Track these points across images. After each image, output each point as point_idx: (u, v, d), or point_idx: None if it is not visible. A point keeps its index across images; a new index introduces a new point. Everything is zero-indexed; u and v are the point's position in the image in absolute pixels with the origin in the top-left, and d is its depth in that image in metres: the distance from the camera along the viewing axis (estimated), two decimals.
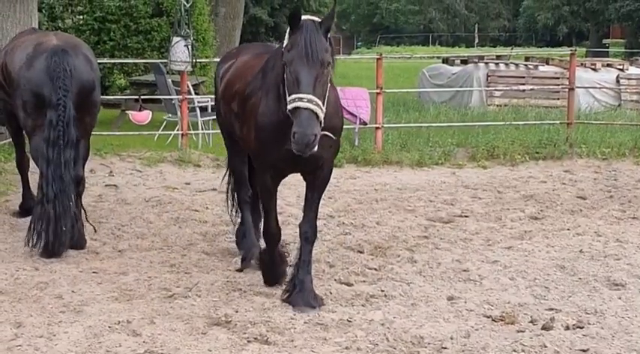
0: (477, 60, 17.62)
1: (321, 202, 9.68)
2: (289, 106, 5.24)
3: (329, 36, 5.45)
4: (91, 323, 5.55)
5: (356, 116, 12.35)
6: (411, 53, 21.01)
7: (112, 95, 16.50)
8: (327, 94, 5.36)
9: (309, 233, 6.17)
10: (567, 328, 5.66)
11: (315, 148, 5.17)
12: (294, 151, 5.21)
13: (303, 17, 5.44)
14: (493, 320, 5.83)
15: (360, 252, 7.62)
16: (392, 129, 13.34)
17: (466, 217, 9.12)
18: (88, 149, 7.82)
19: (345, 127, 12.86)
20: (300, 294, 5.98)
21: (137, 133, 12.78)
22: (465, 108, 16.18)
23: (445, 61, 19.09)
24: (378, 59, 12.73)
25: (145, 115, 12.10)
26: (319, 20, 5.46)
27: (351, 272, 6.95)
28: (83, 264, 7.14)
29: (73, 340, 5.24)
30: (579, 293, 6.46)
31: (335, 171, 11.66)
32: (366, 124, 12.54)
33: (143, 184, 10.54)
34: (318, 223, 8.58)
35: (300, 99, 5.16)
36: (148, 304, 6.05)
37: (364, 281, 6.73)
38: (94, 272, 6.91)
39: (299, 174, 6.26)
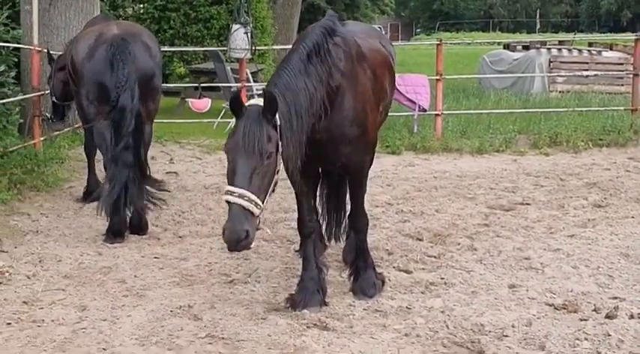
0: (539, 45, 17.32)
1: (380, 189, 9.83)
2: (223, 198, 4.84)
3: (275, 120, 4.88)
4: (153, 307, 5.63)
5: (415, 103, 12.27)
6: (471, 39, 20.69)
7: (172, 83, 16.68)
8: (270, 186, 4.88)
9: (357, 224, 6.07)
10: (632, 316, 5.53)
11: (251, 245, 4.81)
12: (227, 247, 4.84)
13: (249, 102, 4.98)
14: (555, 309, 5.72)
15: (419, 239, 7.57)
16: (452, 116, 13.22)
17: (528, 204, 8.99)
18: (151, 134, 7.95)
19: (404, 114, 13.02)
20: (358, 283, 5.93)
21: (197, 120, 12.89)
22: (527, 94, 15.93)
23: (506, 46, 18.81)
24: (437, 45, 12.61)
25: (204, 103, 12.20)
26: (262, 105, 4.87)
27: (410, 260, 6.91)
28: (145, 249, 7.24)
29: (136, 324, 5.31)
30: None
31: (393, 158, 11.81)
32: (425, 110, 12.45)
33: (203, 172, 10.64)
34: (376, 210, 8.68)
35: (231, 193, 4.73)
36: (209, 289, 6.11)
37: (423, 269, 6.69)
38: (155, 257, 7.00)
39: None
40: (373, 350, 4.99)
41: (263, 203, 4.84)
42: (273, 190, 5.00)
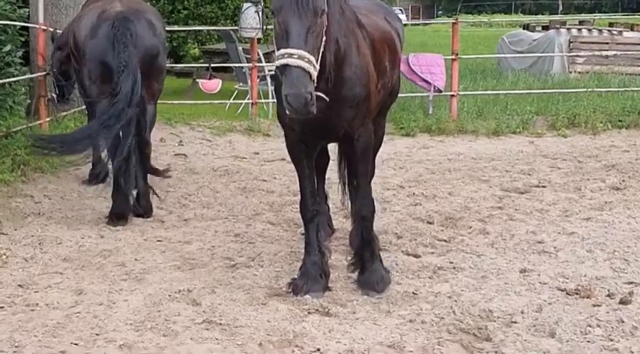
0: (558, 26, 16.96)
1: (392, 172, 9.62)
2: (277, 63, 4.58)
3: None
4: (151, 291, 5.47)
5: (430, 83, 12.02)
6: (489, 18, 20.33)
7: (187, 64, 16.50)
8: (321, 48, 4.68)
9: (363, 210, 5.69)
10: None
11: (313, 110, 4.51)
12: (290, 114, 4.59)
13: None
14: (567, 294, 5.51)
15: (430, 223, 7.37)
16: (468, 97, 12.94)
17: (543, 187, 8.76)
18: (154, 115, 7.76)
19: (419, 94, 12.77)
20: (366, 277, 5.62)
21: (208, 102, 12.69)
22: (546, 75, 15.60)
23: (525, 27, 18.45)
24: (453, 24, 12.33)
25: (214, 84, 12.01)
26: None
27: (419, 243, 6.71)
28: (148, 232, 7.09)
29: (132, 308, 5.15)
30: None
31: (407, 140, 11.58)
32: (440, 91, 12.18)
33: (212, 154, 10.48)
34: (387, 193, 8.48)
35: (290, 55, 4.49)
36: (210, 273, 5.94)
37: (432, 253, 6.49)
38: (158, 241, 6.85)
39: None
40: (375, 336, 4.80)
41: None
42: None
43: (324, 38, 4.73)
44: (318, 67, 4.60)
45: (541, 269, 6.01)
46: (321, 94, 4.83)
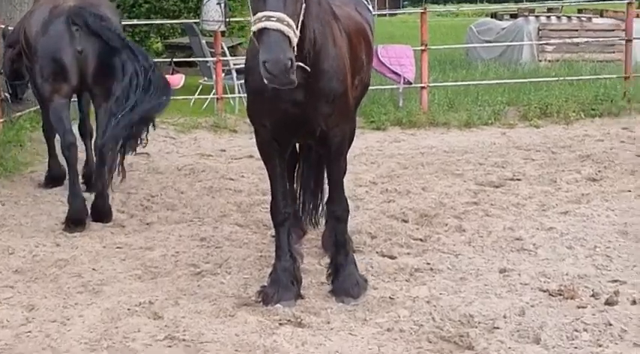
0: (527, 13, 16.74)
1: (364, 167, 9.32)
2: (254, 27, 4.20)
3: None
4: (109, 305, 5.11)
5: (400, 75, 11.72)
6: (457, 6, 20.05)
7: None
8: (301, 15, 4.34)
9: (337, 210, 5.35)
10: (634, 302, 5.06)
11: (294, 79, 4.16)
12: (267, 81, 4.18)
13: None
14: (550, 295, 5.24)
15: (405, 221, 7.08)
16: (438, 88, 12.66)
17: (518, 180, 8.51)
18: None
19: (388, 87, 12.47)
20: (340, 282, 5.27)
21: (171, 98, 12.24)
22: (516, 64, 15.37)
23: (493, 15, 18.24)
24: (422, 14, 12.04)
25: (177, 79, 11.56)
26: None
27: (395, 243, 6.42)
28: (107, 239, 6.72)
29: (87, 325, 4.80)
30: None
31: (378, 134, 11.28)
32: (410, 83, 11.89)
33: (176, 152, 10.10)
34: (360, 190, 8.18)
35: (268, 18, 4.14)
36: (174, 282, 5.60)
37: (408, 253, 6.20)
38: (118, 248, 6.49)
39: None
40: (351, 348, 4.50)
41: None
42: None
43: (304, 5, 4.42)
44: (298, 34, 4.28)
45: (521, 268, 5.75)
46: (302, 64, 4.50)
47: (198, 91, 12.65)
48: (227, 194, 8.11)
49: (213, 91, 12.17)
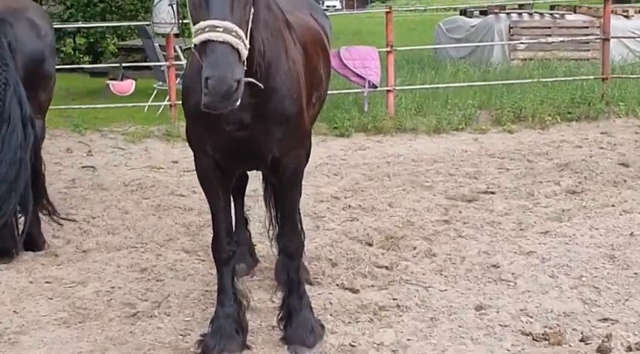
0: (497, 10, 16.13)
1: (326, 179, 8.64)
2: (195, 39, 3.54)
3: None
4: None
5: (364, 79, 11.03)
6: (425, 5, 19.38)
7: (106, 63, 15.29)
8: (249, 22, 3.68)
9: (290, 247, 4.67)
10: (629, 349, 4.45)
11: (237, 102, 3.48)
12: (205, 107, 3.50)
13: None
14: (534, 339, 4.61)
15: (369, 244, 6.42)
16: (405, 91, 11.97)
17: (492, 193, 7.88)
18: (43, 130, 6.63)
19: (352, 91, 11.79)
20: (293, 329, 4.57)
21: (122, 105, 11.45)
22: (486, 64, 14.74)
23: (463, 12, 17.60)
24: (387, 13, 11.35)
25: (127, 86, 10.82)
26: None
27: (357, 273, 5.75)
28: (37, 272, 5.98)
29: None
30: (638, 295, 5.22)
31: (342, 141, 10.57)
32: (376, 87, 11.20)
33: (125, 164, 9.34)
34: (320, 206, 7.50)
35: (213, 28, 3.49)
36: (103, 328, 4.88)
37: (373, 286, 5.53)
38: (47, 282, 5.75)
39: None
40: None
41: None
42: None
43: (252, 10, 3.74)
44: (247, 45, 3.61)
45: (500, 304, 5.11)
46: (254, 80, 3.81)
47: (153, 96, 11.87)
48: (175, 214, 7.40)
49: (168, 97, 11.41)
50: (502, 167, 8.91)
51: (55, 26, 14.91)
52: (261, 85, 3.84)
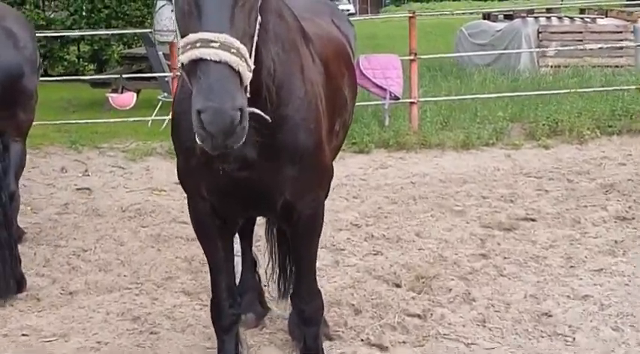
0: (524, 14, 15.22)
1: (345, 203, 7.79)
2: (183, 57, 2.70)
3: None
4: None
5: (385, 90, 10.16)
6: (449, 10, 18.45)
7: (111, 71, 14.48)
8: (255, 34, 2.86)
9: (308, 310, 3.92)
10: None
11: (242, 139, 2.68)
12: (201, 142, 2.67)
13: None
14: None
15: (397, 285, 5.58)
16: (429, 103, 11.08)
17: (533, 220, 7.02)
18: (21, 155, 5.81)
19: (372, 103, 10.91)
20: None
21: (121, 120, 10.55)
22: (514, 71, 13.82)
23: (486, 16, 16.71)
24: (410, 18, 10.48)
25: (127, 99, 9.98)
26: None
27: (385, 325, 4.91)
28: (12, 320, 5.18)
29: None
30: None
31: (361, 158, 9.67)
32: (398, 98, 10.33)
33: (123, 186, 8.50)
34: (339, 237, 6.64)
35: (207, 43, 2.64)
36: None
37: (404, 342, 4.70)
38: (23, 335, 4.95)
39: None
40: None
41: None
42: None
43: (259, 18, 2.91)
44: (252, 65, 2.75)
45: None
46: (259, 111, 2.96)
47: (157, 108, 11.03)
48: (177, 245, 6.57)
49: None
50: (540, 188, 8.03)
51: (58, 34, 14.41)
52: (268, 117, 2.98)
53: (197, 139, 2.65)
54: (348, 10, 51.07)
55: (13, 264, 5.50)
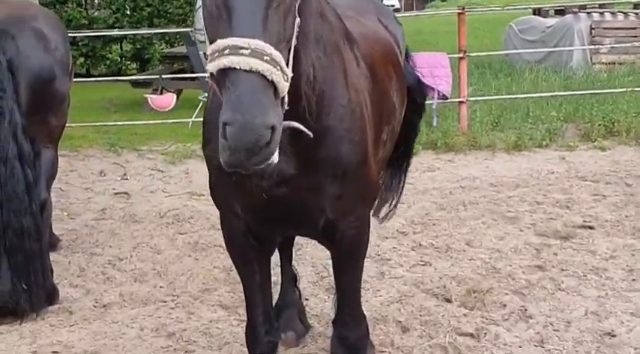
0: (576, 10, 14.71)
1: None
2: (211, 66, 2.37)
3: None
4: None
5: (434, 89, 9.78)
6: (501, 5, 17.95)
7: (152, 71, 14.31)
8: (293, 39, 2.53)
9: (351, 337, 3.60)
10: None
11: (275, 159, 2.36)
12: (226, 165, 2.34)
13: None
14: None
15: (447, 300, 5.23)
16: (479, 102, 10.68)
17: (591, 228, 6.61)
18: (53, 162, 5.57)
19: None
20: None
21: (159, 122, 10.33)
22: (566, 68, 13.34)
23: (536, 12, 16.22)
24: (459, 14, 10.10)
25: (167, 100, 9.76)
26: None
27: (435, 345, 4.57)
28: (43, 336, 4.94)
29: None
30: None
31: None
32: (446, 98, 9.96)
33: (162, 190, 8.27)
34: (385, 245, 6.32)
35: (237, 49, 2.32)
36: None
37: None
38: (53, 352, 4.70)
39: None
40: None
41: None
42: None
43: (298, 21, 2.58)
44: (289, 74, 2.42)
45: None
46: (301, 126, 2.68)
47: (198, 109, 10.80)
48: (215, 254, 6.30)
49: None
50: (597, 193, 7.61)
51: (100, 33, 14.28)
52: (310, 133, 2.67)
53: (221, 155, 2.33)
54: (393, 6, 50.52)
55: (45, 276, 5.27)
